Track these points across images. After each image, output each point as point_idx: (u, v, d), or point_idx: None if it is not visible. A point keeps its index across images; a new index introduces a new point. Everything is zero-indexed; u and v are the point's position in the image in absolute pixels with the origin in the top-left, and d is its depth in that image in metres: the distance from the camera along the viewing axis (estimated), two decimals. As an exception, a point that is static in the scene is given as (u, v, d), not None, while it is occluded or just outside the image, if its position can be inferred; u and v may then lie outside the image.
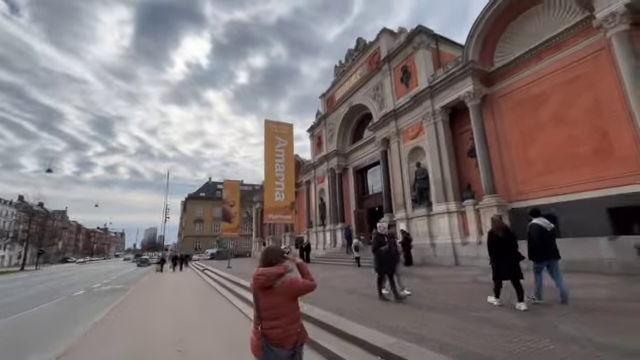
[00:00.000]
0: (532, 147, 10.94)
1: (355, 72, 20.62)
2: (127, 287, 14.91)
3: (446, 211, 12.59)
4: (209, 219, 61.15)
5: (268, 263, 2.42)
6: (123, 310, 8.45)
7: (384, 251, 6.21)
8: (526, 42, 11.31)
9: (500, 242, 5.22)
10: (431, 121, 13.82)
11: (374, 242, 6.40)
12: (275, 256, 2.46)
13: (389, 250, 6.29)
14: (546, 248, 5.07)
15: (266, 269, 2.37)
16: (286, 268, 2.41)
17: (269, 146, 11.38)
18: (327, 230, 22.30)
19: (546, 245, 5.07)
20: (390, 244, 6.40)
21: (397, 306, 5.70)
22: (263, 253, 2.53)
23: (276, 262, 2.42)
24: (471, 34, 12.20)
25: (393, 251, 6.44)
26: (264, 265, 2.43)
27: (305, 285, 2.40)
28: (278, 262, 2.43)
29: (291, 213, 11.31)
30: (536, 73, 10.98)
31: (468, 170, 13.17)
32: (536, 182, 10.70)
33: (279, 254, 2.51)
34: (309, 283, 2.42)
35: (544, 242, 5.06)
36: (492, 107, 12.34)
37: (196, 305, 8.72)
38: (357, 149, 21.35)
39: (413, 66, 15.35)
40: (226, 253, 35.30)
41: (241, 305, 8.07)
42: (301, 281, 2.41)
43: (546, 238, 5.06)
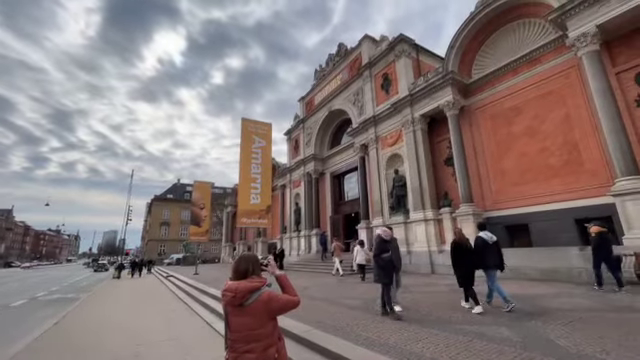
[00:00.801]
0: (507, 158, 11.26)
1: (336, 77, 20.52)
2: (78, 296, 13.36)
3: (423, 219, 12.60)
4: (176, 222, 58.05)
5: (241, 274, 1.96)
6: (66, 326, 7.36)
7: (387, 259, 5.51)
8: (502, 57, 11.72)
9: (464, 252, 5.90)
10: (410, 129, 13.90)
11: (376, 248, 5.69)
12: (250, 266, 1.99)
13: (391, 258, 5.54)
14: (486, 258, 5.73)
15: (237, 283, 1.90)
16: (263, 282, 1.96)
17: (245, 145, 10.75)
18: (302, 236, 21.74)
19: (487, 255, 5.74)
20: (393, 251, 5.63)
21: (383, 319, 5.33)
22: (235, 262, 2.05)
23: (252, 274, 1.97)
24: (452, 45, 12.47)
25: (395, 259, 5.64)
26: (236, 277, 1.96)
27: (287, 301, 1.97)
28: (254, 274, 1.98)
29: (267, 217, 10.70)
30: (511, 87, 11.38)
31: (445, 178, 13.35)
32: (510, 192, 10.99)
33: (255, 264, 2.04)
34: (292, 299, 2.00)
35: (486, 252, 5.76)
36: (469, 118, 12.62)
37: (156, 318, 7.81)
38: (335, 154, 21.15)
39: (394, 74, 15.46)
40: (193, 258, 33.46)
41: (209, 317, 7.32)
42: (282, 296, 1.98)
43: (488, 248, 5.76)
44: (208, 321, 6.95)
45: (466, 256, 5.80)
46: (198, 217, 19.12)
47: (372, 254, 5.85)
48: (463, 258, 5.80)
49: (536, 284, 8.03)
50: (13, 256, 79.43)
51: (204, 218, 19.16)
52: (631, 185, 7.43)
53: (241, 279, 1.94)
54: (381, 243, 5.68)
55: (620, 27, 8.39)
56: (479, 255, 5.74)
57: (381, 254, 5.55)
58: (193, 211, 19.22)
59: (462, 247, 5.89)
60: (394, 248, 5.80)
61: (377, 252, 5.62)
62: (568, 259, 8.38)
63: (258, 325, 1.86)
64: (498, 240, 5.96)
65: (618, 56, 8.64)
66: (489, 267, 5.70)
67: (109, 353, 5.03)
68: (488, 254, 5.72)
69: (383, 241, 5.70)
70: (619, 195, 7.63)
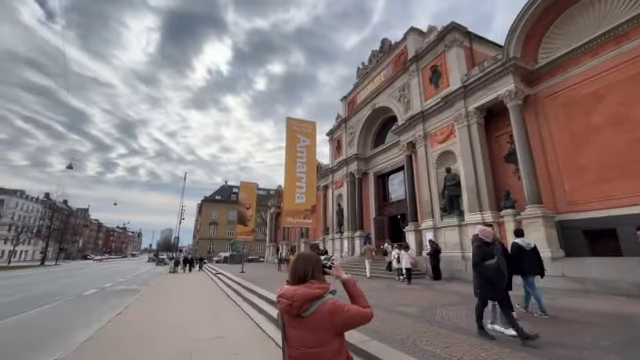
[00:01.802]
0: (584, 152, 9.73)
1: (379, 73, 19.83)
2: (139, 288, 14.45)
3: (481, 221, 11.40)
4: (223, 222, 61.23)
5: (299, 278, 1.62)
6: (127, 318, 7.83)
7: (493, 267, 4.27)
8: (577, 37, 10.21)
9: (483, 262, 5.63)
10: (464, 123, 12.78)
11: (477, 254, 4.40)
12: (310, 268, 1.65)
13: (499, 266, 4.30)
14: (523, 265, 5.66)
15: (294, 289, 1.57)
16: (326, 288, 1.60)
17: (290, 145, 10.68)
18: (345, 237, 21.32)
19: (524, 262, 5.68)
20: (499, 256, 4.40)
21: (450, 333, 4.71)
22: (293, 263, 1.73)
23: (312, 277, 1.62)
24: (513, 28, 11.19)
25: (504, 267, 4.41)
26: (294, 280, 1.64)
27: (356, 313, 1.58)
28: (314, 277, 1.63)
29: (312, 217, 10.50)
30: (589, 70, 9.84)
31: (505, 177, 12.02)
32: (590, 191, 9.46)
33: (316, 265, 1.68)
34: (363, 311, 1.60)
35: (523, 259, 5.68)
36: (535, 108, 11.20)
37: (208, 314, 7.98)
38: (379, 154, 20.41)
39: (444, 65, 14.40)
40: (239, 257, 34.85)
41: (258, 318, 7.27)
42: (350, 307, 1.59)
43: (525, 255, 5.71)
44: (257, 322, 6.88)
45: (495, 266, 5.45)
46: (244, 217, 19.73)
47: (472, 261, 4.54)
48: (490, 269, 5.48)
49: (634, 300, 6.69)
50: (89, 250, 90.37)
51: (250, 218, 19.71)
52: None
53: (299, 283, 1.61)
54: (482, 247, 4.41)
55: None
56: (515, 261, 5.58)
57: (484, 261, 4.27)
58: (240, 211, 19.87)
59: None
60: (498, 251, 4.55)
61: (478, 259, 4.35)
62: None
63: (320, 342, 1.51)
64: (536, 246, 6.00)
65: None
66: (526, 273, 5.70)
67: (163, 348, 5.12)
68: (525, 260, 5.71)
69: (484, 244, 4.45)
70: None
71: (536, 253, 5.86)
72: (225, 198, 64.79)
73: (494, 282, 4.28)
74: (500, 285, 4.28)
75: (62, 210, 58.41)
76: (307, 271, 1.62)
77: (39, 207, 64.33)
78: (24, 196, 65.39)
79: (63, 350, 5.06)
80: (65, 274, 24.35)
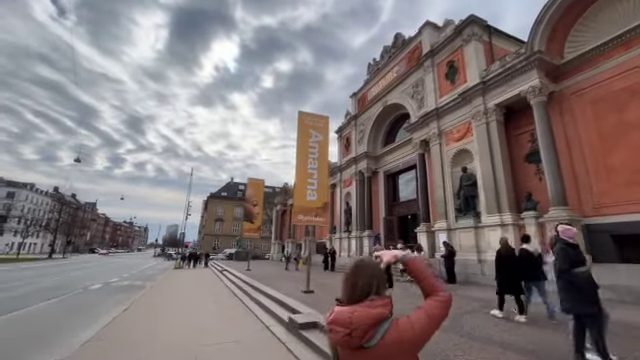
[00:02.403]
0: (615, 152, 9.13)
1: (391, 69, 19.30)
2: (144, 284, 14.23)
3: (499, 223, 10.91)
4: (229, 219, 61.26)
5: (359, 295, 1.17)
6: (132, 315, 7.53)
7: (584, 275, 3.52)
8: (608, 29, 9.59)
9: (505, 261, 5.98)
10: (482, 121, 12.23)
11: (563, 258, 3.56)
12: (375, 281, 1.20)
13: (590, 274, 3.58)
14: (530, 270, 5.75)
15: (350, 311, 1.12)
16: (390, 304, 1.17)
17: (302, 139, 10.27)
18: (353, 237, 20.88)
19: (531, 267, 5.75)
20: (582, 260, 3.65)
21: (494, 349, 4.27)
22: (349, 275, 1.24)
23: (376, 293, 1.18)
24: (539, 20, 10.61)
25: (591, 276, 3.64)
26: (350, 300, 1.18)
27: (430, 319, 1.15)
28: (378, 292, 1.18)
29: (323, 215, 10.09)
30: (623, 64, 9.22)
31: (526, 177, 11.46)
32: (621, 194, 8.87)
33: (382, 278, 1.23)
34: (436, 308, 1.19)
35: (530, 264, 5.76)
36: (560, 105, 10.62)
37: (215, 314, 7.64)
38: (389, 152, 19.90)
39: (461, 60, 13.84)
40: (245, 254, 34.66)
41: (267, 320, 6.90)
42: (417, 318, 1.15)
43: (532, 261, 5.80)
44: (266, 324, 6.51)
45: (509, 266, 5.90)
46: (251, 214, 19.42)
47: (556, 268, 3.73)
48: (506, 267, 5.93)
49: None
50: (96, 243, 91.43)
51: (257, 215, 19.39)
52: None
53: (357, 302, 1.18)
54: (567, 249, 3.61)
55: None
56: (524, 267, 5.76)
57: (572, 267, 3.49)
58: (246, 208, 19.56)
59: (506, 257, 6.03)
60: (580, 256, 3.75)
61: (565, 265, 3.52)
62: None
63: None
64: (541, 253, 6.12)
65: None
66: (530, 279, 5.77)
67: (169, 351, 4.77)
68: (532, 267, 5.77)
69: (570, 246, 3.65)
70: None
71: (541, 258, 5.95)
72: (231, 195, 64.82)
73: (586, 292, 3.49)
74: (592, 297, 3.51)
75: (70, 204, 59.01)
76: (371, 287, 1.19)
77: (48, 200, 65.12)
78: (34, 189, 66.24)
79: (65, 349, 4.76)
80: (72, 267, 24.37)
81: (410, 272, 1.29)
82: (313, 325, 5.56)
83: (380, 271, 1.26)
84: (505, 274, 5.93)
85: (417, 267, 1.29)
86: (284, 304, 7.58)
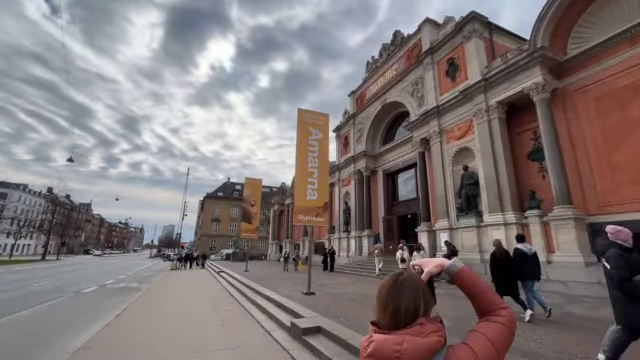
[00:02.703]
0: (620, 150, 9.00)
1: (390, 67, 19.11)
2: (140, 286, 13.90)
3: (502, 222, 10.75)
4: (226, 219, 60.83)
5: (404, 317, 0.91)
6: (126, 321, 7.24)
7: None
8: (612, 25, 9.46)
9: (501, 263, 6.02)
10: (484, 118, 12.06)
11: (621, 266, 3.05)
12: (420, 299, 0.94)
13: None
14: (526, 269, 5.84)
15: (398, 341, 0.87)
16: (443, 330, 0.92)
17: (302, 137, 10.03)
18: (352, 237, 20.67)
19: (526, 266, 5.84)
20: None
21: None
22: (390, 292, 0.97)
23: (424, 314, 0.93)
24: (541, 16, 10.45)
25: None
26: (394, 322, 0.92)
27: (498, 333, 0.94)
28: (426, 314, 0.94)
29: (324, 215, 9.85)
30: (627, 61, 9.09)
31: (529, 176, 11.31)
32: (626, 193, 8.74)
33: (426, 293, 0.97)
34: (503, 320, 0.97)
35: (525, 264, 5.84)
36: (563, 103, 10.48)
37: (214, 319, 7.38)
38: (388, 151, 19.72)
39: (462, 58, 13.67)
40: (242, 255, 34.34)
41: (267, 324, 6.65)
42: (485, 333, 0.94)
43: (527, 260, 5.86)
44: (267, 328, 6.26)
45: (504, 267, 5.95)
46: (249, 214, 19.12)
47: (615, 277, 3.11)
48: (501, 269, 5.98)
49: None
50: (91, 244, 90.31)
51: (254, 215, 19.09)
52: None
53: (403, 326, 0.91)
54: (624, 255, 3.13)
55: None
56: (519, 267, 5.84)
57: (633, 275, 3.00)
58: (244, 208, 19.25)
59: (501, 259, 6.07)
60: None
61: (627, 273, 3.00)
62: None
63: None
64: (536, 252, 6.13)
65: None
66: (526, 278, 5.82)
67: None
68: (526, 266, 5.84)
69: (626, 251, 3.19)
70: None
71: (536, 258, 6.00)
72: (227, 195, 64.36)
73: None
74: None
75: (64, 205, 58.10)
76: (418, 308, 0.94)
77: (42, 201, 64.14)
78: (27, 190, 65.25)
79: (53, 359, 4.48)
80: (65, 269, 23.88)
81: (462, 285, 1.06)
82: (317, 330, 5.33)
83: (425, 287, 1.01)
84: (501, 276, 5.96)
85: (471, 279, 1.05)
86: (285, 307, 7.34)
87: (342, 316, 5.98)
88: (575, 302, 7.36)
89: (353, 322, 5.49)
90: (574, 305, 7.04)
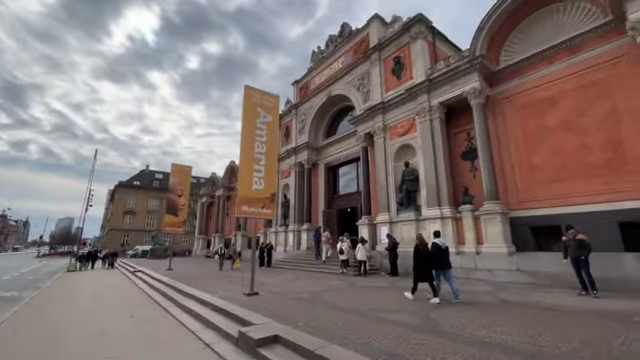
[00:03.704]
0: (537, 154, 10.29)
1: (337, 60, 18.87)
2: (21, 295, 10.77)
3: (439, 216, 11.40)
4: (142, 211, 53.67)
5: None
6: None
7: None
8: (536, 43, 10.73)
9: (422, 255, 6.95)
10: (426, 118, 12.64)
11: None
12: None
13: None
14: (441, 260, 6.81)
15: None
16: None
17: (248, 119, 8.85)
18: (290, 231, 19.98)
19: (442, 258, 6.82)
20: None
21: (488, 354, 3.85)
22: None
23: None
24: (481, 26, 11.30)
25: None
26: None
27: None
28: None
29: (271, 207, 8.88)
30: (546, 76, 10.41)
31: (461, 174, 12.26)
32: (541, 190, 10.03)
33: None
34: None
35: (441, 256, 6.83)
36: (494, 109, 11.57)
37: (130, 334, 5.84)
38: (331, 144, 19.55)
39: (408, 57, 14.12)
40: (163, 251, 30.58)
41: (206, 336, 5.48)
42: None
43: (442, 253, 6.86)
44: (206, 341, 5.12)
45: (425, 258, 6.90)
46: (175, 205, 16.66)
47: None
48: (422, 259, 6.91)
49: (571, 292, 6.95)
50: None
51: (182, 207, 16.74)
52: None
53: None
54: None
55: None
56: (435, 258, 6.83)
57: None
58: (170, 198, 16.70)
59: (423, 251, 6.99)
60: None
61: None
62: (624, 267, 7.47)
63: None
64: (447, 246, 7.29)
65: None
66: (443, 267, 6.81)
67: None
68: (442, 257, 6.84)
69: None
70: (688, 197, 6.75)
71: (447, 251, 7.05)
72: (146, 184, 56.83)
73: None
74: None
75: None
76: None
77: None
78: None
79: None
80: None
81: None
82: (274, 340, 4.49)
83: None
84: (421, 265, 6.89)
85: None
86: (227, 312, 6.25)
87: (300, 320, 5.24)
88: (505, 289, 8.04)
89: (315, 327, 4.80)
90: (506, 291, 7.65)
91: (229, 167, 31.01)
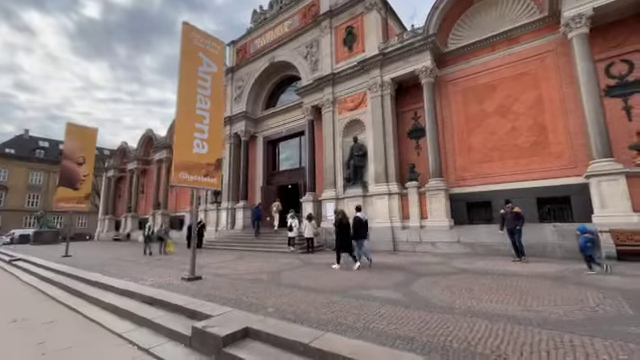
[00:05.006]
0: (475, 135, 11.10)
1: (282, 23, 17.20)
2: None
3: (387, 192, 11.54)
4: (20, 187, 42.73)
5: None
6: None
7: None
8: (481, 31, 11.34)
9: (344, 227, 7.81)
10: (378, 93, 12.46)
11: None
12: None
13: None
14: (360, 232, 7.77)
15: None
16: None
17: (187, 65, 7.05)
18: (223, 208, 18.19)
19: (362, 230, 7.80)
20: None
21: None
22: None
23: None
24: (436, 5, 11.39)
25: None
26: None
27: None
28: None
29: (217, 175, 7.41)
30: (487, 63, 11.14)
31: (407, 152, 12.59)
32: (475, 169, 10.91)
33: None
34: None
35: (361, 228, 7.78)
36: (439, 90, 12.01)
37: (26, 348, 4.05)
38: (272, 116, 18.12)
39: (361, 28, 13.58)
40: (53, 235, 24.90)
41: (138, 336, 4.13)
42: None
43: (362, 225, 7.81)
44: (141, 345, 3.81)
45: (346, 230, 7.78)
46: (73, 176, 12.95)
47: None
48: (344, 232, 7.78)
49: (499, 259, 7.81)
50: None
51: (84, 178, 13.19)
52: (609, 167, 7.85)
53: None
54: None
55: (605, 15, 8.71)
56: (356, 230, 7.71)
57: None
58: (66, 167, 12.87)
59: (344, 224, 7.84)
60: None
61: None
62: (543, 235, 8.58)
63: None
64: (367, 219, 8.34)
65: (593, 46, 8.99)
66: (361, 238, 7.79)
67: None
68: (362, 229, 7.80)
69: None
70: (595, 176, 8.00)
71: (367, 223, 8.06)
72: (24, 154, 45.12)
73: None
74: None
75: None
76: None
77: None
78: None
79: None
80: None
81: None
82: (244, 334, 3.51)
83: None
84: (343, 237, 7.75)
85: None
86: (165, 303, 4.90)
87: (268, 306, 4.33)
88: (453, 259, 8.50)
89: (292, 313, 3.97)
90: (456, 261, 8.07)
91: (145, 136, 26.52)
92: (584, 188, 8.60)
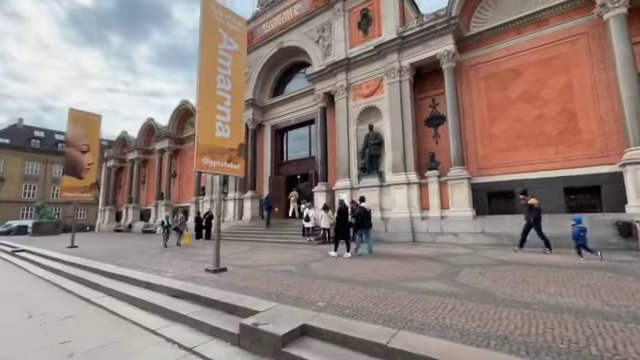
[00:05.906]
0: (498, 123, 10.70)
1: (292, 6, 16.48)
2: None
3: (405, 182, 11.16)
4: (16, 178, 41.83)
5: None
6: None
7: None
8: (506, 13, 10.84)
9: (344, 216, 8.10)
10: (396, 78, 11.96)
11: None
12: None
13: None
14: (365, 222, 7.99)
15: None
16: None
17: (208, 42, 6.53)
18: (230, 199, 17.74)
19: (366, 220, 8.00)
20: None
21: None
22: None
23: None
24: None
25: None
26: None
27: None
28: None
29: (239, 161, 6.99)
30: (512, 47, 10.67)
31: (425, 140, 12.19)
32: (498, 158, 10.55)
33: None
34: None
35: (366, 218, 8.01)
36: (460, 76, 11.54)
37: (42, 344, 3.67)
38: (280, 103, 17.54)
39: (377, 11, 12.99)
40: (53, 226, 24.37)
41: (174, 331, 3.76)
42: None
43: (367, 215, 8.04)
44: (184, 343, 3.44)
45: (346, 220, 8.15)
46: (78, 165, 12.38)
47: None
48: (346, 221, 8.12)
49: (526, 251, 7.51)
50: None
51: (88, 167, 12.64)
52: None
53: None
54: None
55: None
56: (362, 220, 7.96)
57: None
58: (69, 155, 12.26)
59: (346, 213, 8.21)
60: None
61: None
62: (568, 226, 8.27)
63: None
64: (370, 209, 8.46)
65: (631, 27, 8.53)
66: (367, 227, 8.05)
67: None
68: (367, 219, 8.01)
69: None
70: (632, 164, 7.67)
71: (370, 213, 8.26)
72: (20, 144, 44.07)
73: None
74: None
75: None
76: None
77: None
78: None
79: None
80: None
81: None
82: (300, 332, 3.15)
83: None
84: (343, 225, 8.06)
85: None
86: (196, 297, 4.53)
87: (319, 300, 3.97)
88: (481, 250, 8.19)
89: (348, 308, 3.61)
90: (486, 252, 7.75)
91: (146, 125, 25.80)
92: (615, 177, 8.29)
